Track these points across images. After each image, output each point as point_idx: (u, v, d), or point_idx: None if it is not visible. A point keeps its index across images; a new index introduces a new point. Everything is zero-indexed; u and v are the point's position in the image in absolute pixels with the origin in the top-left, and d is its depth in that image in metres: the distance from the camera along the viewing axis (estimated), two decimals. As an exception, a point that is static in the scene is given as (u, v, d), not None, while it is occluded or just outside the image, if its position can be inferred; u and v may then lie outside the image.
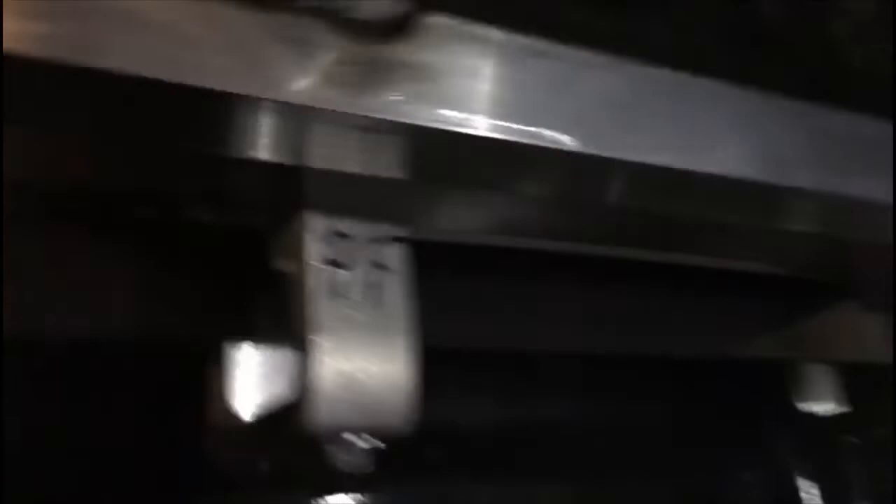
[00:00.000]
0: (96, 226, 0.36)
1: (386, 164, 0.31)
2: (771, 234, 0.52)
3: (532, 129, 0.29)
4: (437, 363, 0.34)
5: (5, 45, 0.22)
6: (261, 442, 0.37)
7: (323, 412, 0.32)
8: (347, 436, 0.34)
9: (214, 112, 0.26)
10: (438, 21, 0.28)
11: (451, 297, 0.42)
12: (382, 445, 0.33)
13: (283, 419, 0.34)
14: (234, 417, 0.37)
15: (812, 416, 0.59)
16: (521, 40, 0.29)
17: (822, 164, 0.41)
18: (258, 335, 0.38)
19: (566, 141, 0.31)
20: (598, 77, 0.31)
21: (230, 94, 0.25)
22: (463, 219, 0.40)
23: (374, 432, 0.34)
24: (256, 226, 0.37)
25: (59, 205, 0.36)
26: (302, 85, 0.25)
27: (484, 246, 0.46)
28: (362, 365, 0.33)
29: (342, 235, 0.34)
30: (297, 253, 0.35)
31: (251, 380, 0.37)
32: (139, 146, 0.30)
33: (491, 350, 0.46)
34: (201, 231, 0.37)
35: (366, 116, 0.27)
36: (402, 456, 0.35)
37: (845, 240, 0.50)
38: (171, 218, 0.38)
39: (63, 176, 0.35)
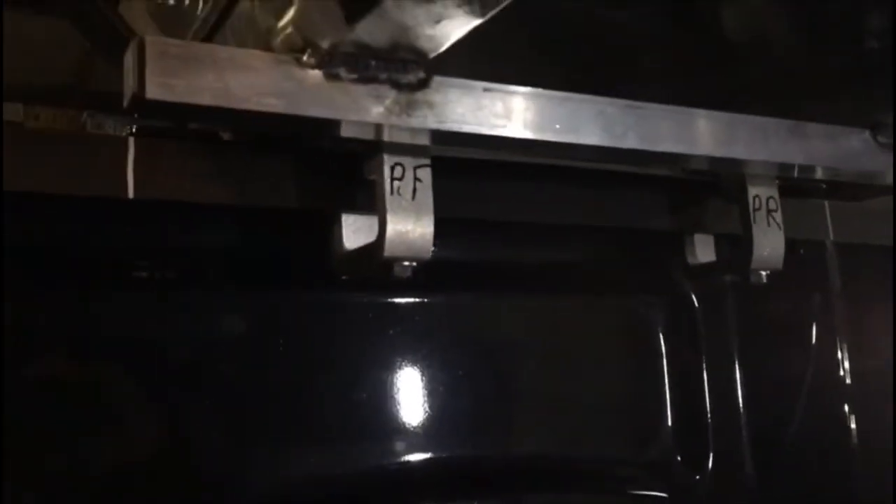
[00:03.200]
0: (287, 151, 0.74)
1: (416, 138, 0.67)
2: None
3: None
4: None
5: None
6: (359, 264, 0.75)
7: (388, 249, 0.69)
8: (402, 266, 0.71)
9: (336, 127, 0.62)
10: (439, 79, 0.63)
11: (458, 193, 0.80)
12: (415, 264, 0.71)
13: (371, 252, 0.71)
14: (345, 251, 0.76)
15: (698, 265, 0.95)
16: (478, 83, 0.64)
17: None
18: (360, 209, 0.76)
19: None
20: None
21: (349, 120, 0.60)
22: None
23: (413, 259, 0.71)
24: (360, 155, 0.73)
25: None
26: (376, 114, 0.61)
27: (483, 160, 0.81)
28: (407, 227, 0.70)
29: (400, 165, 0.71)
30: (378, 171, 0.71)
31: (355, 232, 0.76)
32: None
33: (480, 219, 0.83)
34: (332, 155, 0.74)
35: (409, 126, 0.63)
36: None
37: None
38: (315, 147, 0.75)
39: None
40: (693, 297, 0.97)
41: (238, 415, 0.80)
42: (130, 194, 0.68)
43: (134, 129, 0.69)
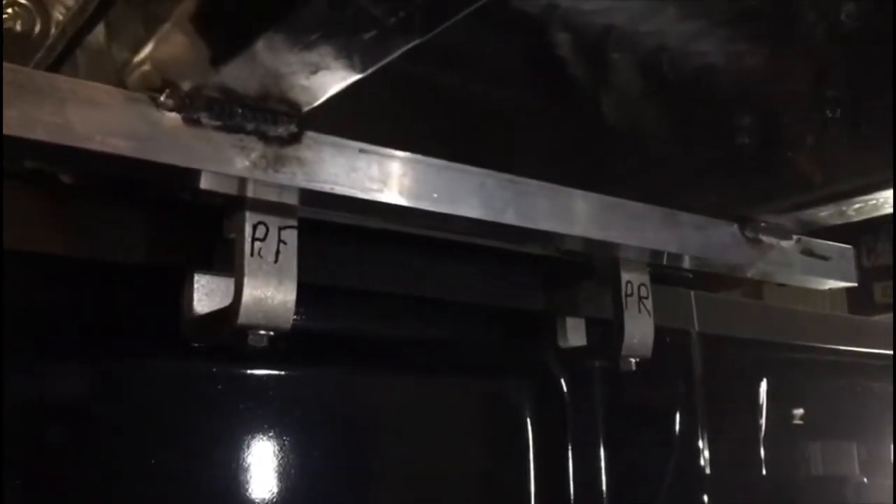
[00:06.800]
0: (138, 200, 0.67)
1: (283, 196, 0.62)
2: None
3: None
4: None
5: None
6: (211, 330, 0.68)
7: (243, 316, 0.63)
8: (258, 335, 0.65)
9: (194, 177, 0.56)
10: (312, 135, 0.58)
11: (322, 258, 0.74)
12: (273, 334, 0.65)
13: (224, 318, 0.65)
14: (196, 315, 0.69)
15: (569, 348, 0.93)
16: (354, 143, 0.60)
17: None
18: (216, 270, 0.69)
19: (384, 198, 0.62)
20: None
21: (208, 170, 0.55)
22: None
23: (270, 328, 0.65)
24: (221, 210, 0.67)
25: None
26: (240, 167, 0.56)
27: (354, 226, 0.77)
28: (267, 292, 0.64)
29: (263, 224, 0.65)
30: (238, 229, 0.65)
31: (208, 295, 0.69)
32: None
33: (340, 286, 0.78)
34: (189, 208, 0.68)
35: (276, 182, 0.58)
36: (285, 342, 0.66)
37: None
38: (170, 198, 0.68)
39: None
40: (562, 381, 0.95)
41: (70, 491, 0.70)
42: (-55, 238, 0.59)
43: (-44, 166, 0.61)
